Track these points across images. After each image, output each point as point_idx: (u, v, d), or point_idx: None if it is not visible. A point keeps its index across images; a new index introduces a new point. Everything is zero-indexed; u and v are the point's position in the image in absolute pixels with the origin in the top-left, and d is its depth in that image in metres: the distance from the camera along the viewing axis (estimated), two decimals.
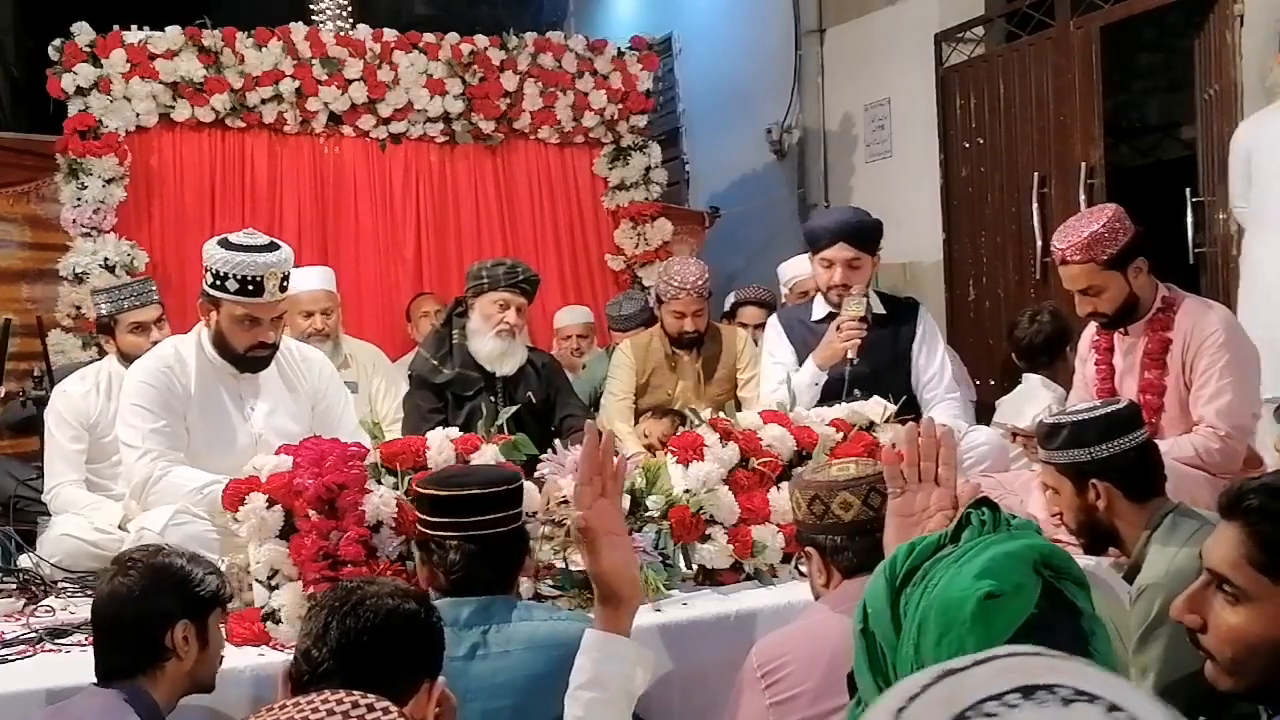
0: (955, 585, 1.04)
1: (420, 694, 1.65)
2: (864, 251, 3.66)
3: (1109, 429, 2.33)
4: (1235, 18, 4.46)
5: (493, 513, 2.12)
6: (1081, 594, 1.08)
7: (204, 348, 3.05)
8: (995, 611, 1.01)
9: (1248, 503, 1.51)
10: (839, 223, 3.72)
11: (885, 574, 1.12)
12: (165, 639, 1.98)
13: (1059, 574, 1.07)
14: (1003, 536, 1.11)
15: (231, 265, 2.90)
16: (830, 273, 3.66)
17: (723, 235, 6.94)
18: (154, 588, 1.99)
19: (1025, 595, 1.04)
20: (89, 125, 5.12)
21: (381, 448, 2.67)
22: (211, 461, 2.92)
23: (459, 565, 2.06)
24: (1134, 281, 3.16)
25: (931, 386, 3.68)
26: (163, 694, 1.99)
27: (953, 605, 1.02)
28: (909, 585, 1.09)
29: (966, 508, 1.17)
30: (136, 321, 3.69)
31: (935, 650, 1.01)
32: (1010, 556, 1.05)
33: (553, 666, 1.94)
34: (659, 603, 2.65)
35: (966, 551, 1.09)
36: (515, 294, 3.79)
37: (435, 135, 5.78)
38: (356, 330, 4.94)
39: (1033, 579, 1.05)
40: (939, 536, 1.14)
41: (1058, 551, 1.09)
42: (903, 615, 1.07)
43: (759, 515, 2.85)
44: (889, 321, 3.73)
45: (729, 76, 7.52)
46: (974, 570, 1.04)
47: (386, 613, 1.65)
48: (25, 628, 2.56)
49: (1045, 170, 5.31)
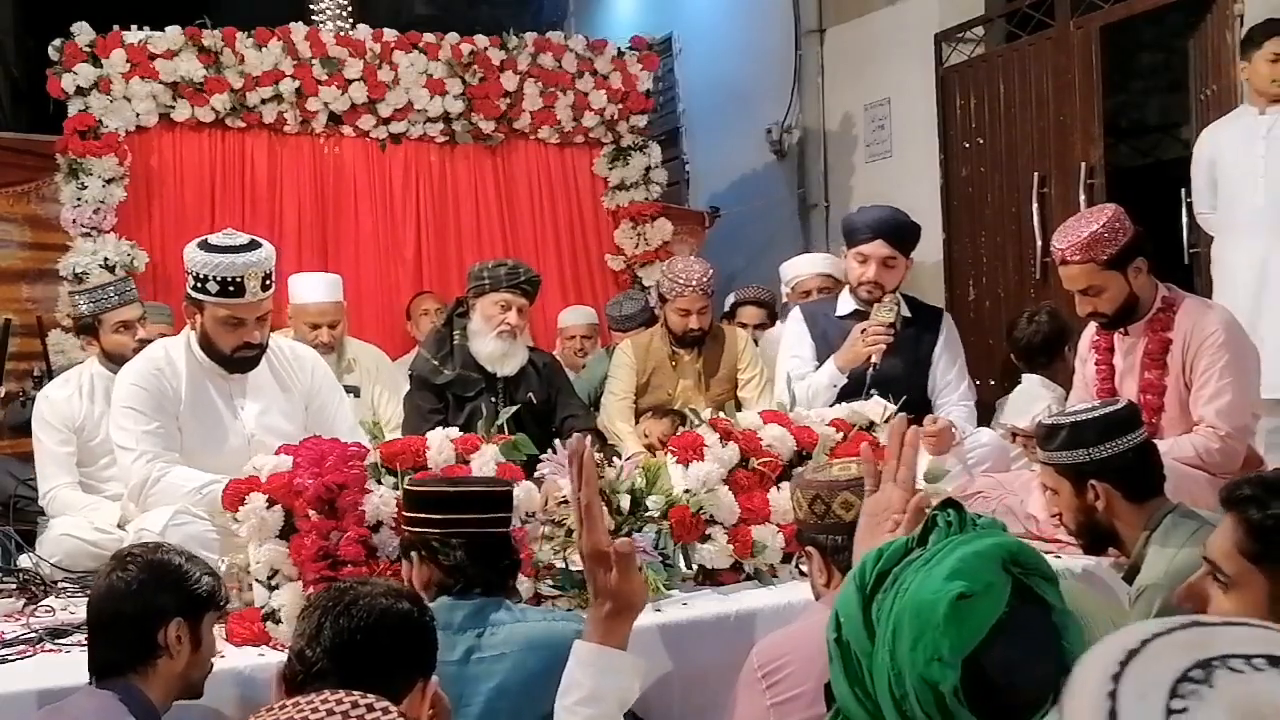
0: (926, 588, 1.05)
1: (414, 693, 1.65)
2: (900, 251, 3.68)
3: (1107, 430, 2.33)
4: (1235, 18, 4.46)
5: (493, 512, 2.14)
6: (1051, 589, 1.10)
7: (193, 349, 3.03)
8: (968, 611, 1.03)
9: (1240, 492, 1.54)
10: (879, 219, 3.72)
11: (855, 581, 1.13)
12: (159, 636, 1.98)
13: (1028, 570, 1.08)
14: (970, 536, 1.12)
15: (211, 267, 2.88)
16: (864, 268, 3.65)
17: (723, 235, 6.94)
18: (151, 583, 1.99)
19: (996, 594, 1.05)
20: (89, 125, 5.12)
21: (381, 448, 2.67)
22: (204, 462, 2.92)
23: (461, 562, 2.06)
24: (1134, 281, 3.16)
25: (946, 393, 3.69)
26: (156, 693, 1.99)
27: (925, 608, 1.03)
28: (880, 591, 1.10)
29: (933, 510, 1.18)
30: (121, 320, 3.68)
31: (911, 655, 1.02)
32: (979, 556, 1.06)
33: (548, 666, 1.93)
34: (659, 603, 2.65)
35: (935, 554, 1.10)
36: (516, 295, 3.79)
37: (435, 135, 5.78)
38: (356, 330, 4.94)
39: (1002, 577, 1.07)
40: (906, 540, 1.15)
41: (1025, 548, 1.11)
42: (875, 622, 1.08)
43: (759, 515, 2.85)
44: (913, 325, 3.74)
45: (729, 76, 7.52)
46: (944, 572, 1.05)
47: (380, 612, 1.65)
48: (25, 628, 2.56)
49: (1045, 170, 5.31)
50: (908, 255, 3.72)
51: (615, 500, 2.74)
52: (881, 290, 3.65)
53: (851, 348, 3.59)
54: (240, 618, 2.49)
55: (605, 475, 2.77)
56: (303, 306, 4.45)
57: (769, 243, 6.76)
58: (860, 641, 1.08)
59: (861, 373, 3.58)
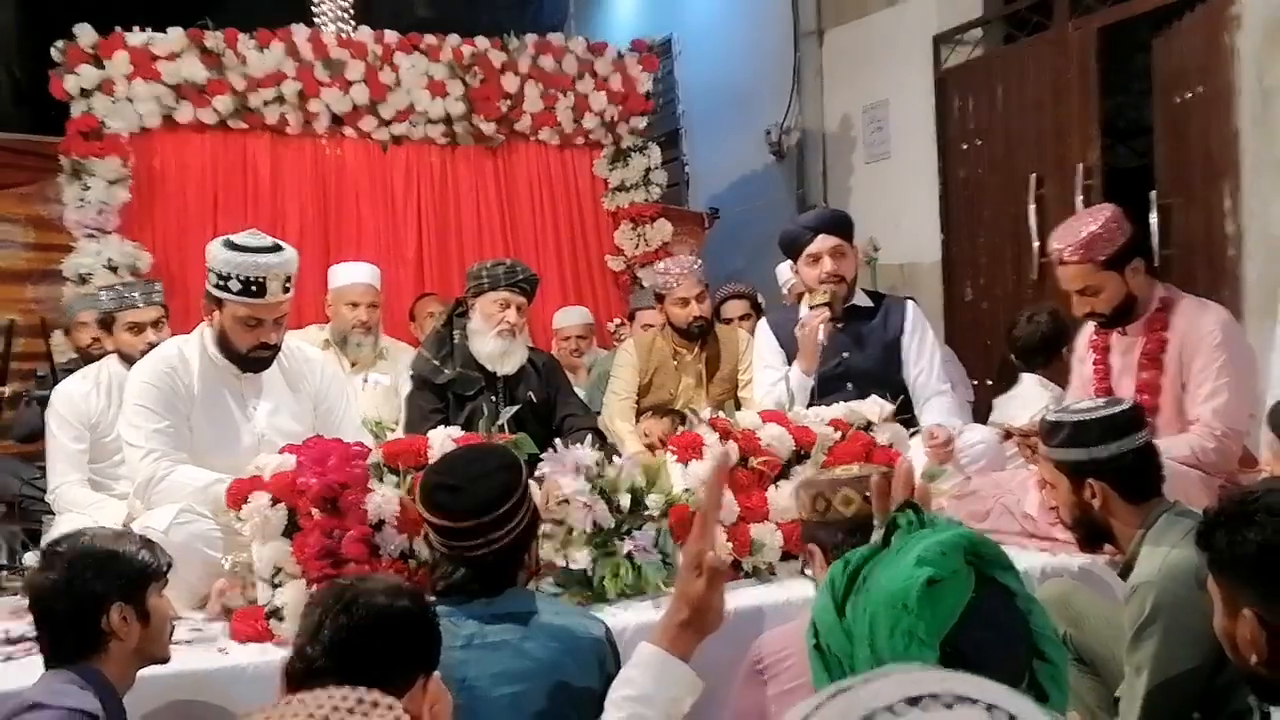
0: (897, 578, 1.08)
1: (415, 689, 1.66)
2: (845, 239, 3.73)
3: (1109, 431, 2.34)
4: (1232, 19, 4.47)
5: (493, 532, 2.03)
6: (1011, 576, 1.13)
7: (207, 348, 3.07)
8: (939, 596, 1.06)
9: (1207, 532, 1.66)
10: (816, 217, 3.87)
11: (829, 590, 1.16)
12: (102, 623, 1.97)
13: (987, 561, 1.12)
14: (930, 531, 1.15)
15: (234, 266, 2.93)
16: (819, 267, 3.69)
17: (722, 236, 6.97)
18: (79, 576, 1.98)
19: (962, 580, 1.08)
20: (92, 127, 5.15)
21: (383, 447, 2.69)
22: (214, 461, 2.94)
23: (461, 578, 2.05)
24: (1131, 282, 3.18)
25: (922, 381, 3.70)
26: (114, 673, 1.99)
27: (898, 596, 1.06)
28: (851, 594, 1.13)
29: (893, 511, 1.21)
30: (133, 322, 3.71)
31: (890, 643, 1.05)
32: (943, 544, 1.10)
33: (561, 659, 1.95)
34: (659, 600, 2.67)
35: (899, 549, 1.13)
36: (515, 293, 3.81)
37: (436, 137, 5.80)
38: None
39: (966, 566, 1.10)
40: (871, 547, 1.18)
41: (983, 540, 1.14)
42: (852, 622, 1.11)
43: (758, 514, 2.87)
44: (876, 314, 3.77)
45: (728, 78, 7.54)
46: (911, 561, 1.08)
47: (379, 609, 1.66)
48: (31, 625, 2.57)
49: (1043, 171, 5.32)
50: (851, 242, 3.79)
51: (615, 499, 2.76)
52: (842, 280, 3.69)
53: (801, 344, 3.64)
54: (244, 616, 2.51)
55: (605, 474, 2.79)
56: (345, 288, 4.61)
57: (768, 243, 6.72)
58: (840, 645, 1.11)
59: (832, 367, 3.63)
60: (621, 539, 2.73)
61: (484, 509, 2.03)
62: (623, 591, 2.68)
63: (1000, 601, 1.10)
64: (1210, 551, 1.66)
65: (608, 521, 2.73)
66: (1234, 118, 4.43)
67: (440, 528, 2.07)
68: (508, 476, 2.09)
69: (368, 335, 4.49)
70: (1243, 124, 4.40)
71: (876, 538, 1.18)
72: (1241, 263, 4.42)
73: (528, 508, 2.11)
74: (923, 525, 1.17)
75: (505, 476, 2.08)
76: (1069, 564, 2.89)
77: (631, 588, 2.69)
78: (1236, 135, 4.40)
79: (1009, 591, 1.11)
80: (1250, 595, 1.58)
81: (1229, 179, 4.45)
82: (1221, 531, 1.63)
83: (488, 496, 2.04)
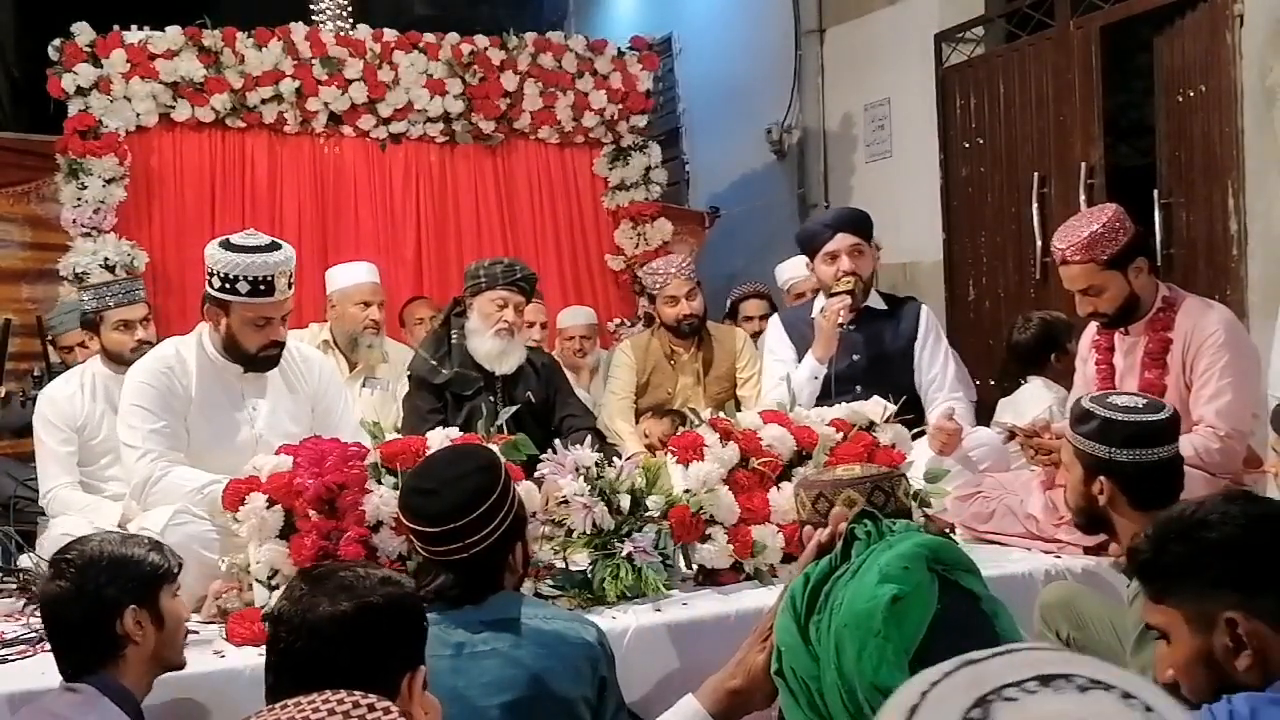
0: (860, 598, 1.06)
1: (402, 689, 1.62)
2: (863, 238, 3.74)
3: (1134, 438, 2.30)
4: (1235, 18, 4.46)
5: (470, 536, 1.98)
6: (974, 580, 1.12)
7: (205, 349, 3.05)
8: (905, 612, 1.04)
9: (1134, 556, 1.60)
10: (835, 216, 3.88)
11: (790, 611, 1.14)
12: (117, 629, 1.96)
13: (949, 566, 1.10)
14: (890, 542, 1.13)
15: (241, 268, 2.90)
16: (836, 265, 3.70)
17: (722, 235, 6.95)
18: (92, 583, 1.96)
19: (926, 592, 1.06)
20: (89, 125, 5.12)
21: (381, 448, 2.67)
22: (212, 461, 2.92)
23: (443, 584, 2.01)
24: (1134, 281, 3.16)
25: (935, 388, 3.70)
26: (131, 680, 1.97)
27: (863, 617, 1.04)
28: (814, 614, 1.10)
29: (849, 523, 1.19)
30: (122, 319, 3.67)
31: (858, 665, 1.03)
32: (903, 557, 1.08)
33: (552, 666, 1.92)
34: (659, 603, 2.65)
35: (859, 566, 1.11)
36: (513, 292, 3.79)
37: (435, 135, 5.78)
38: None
39: (928, 575, 1.08)
40: (829, 560, 1.16)
41: (944, 545, 1.12)
42: (816, 643, 1.09)
43: (759, 515, 2.85)
44: (889, 317, 3.76)
45: (729, 76, 7.52)
46: (874, 579, 1.06)
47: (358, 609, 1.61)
48: (25, 628, 2.56)
49: (1045, 170, 5.30)
50: (870, 242, 3.78)
51: (615, 500, 2.74)
52: (860, 279, 3.69)
53: (821, 331, 3.65)
54: (240, 618, 2.49)
55: (605, 475, 2.77)
56: (353, 288, 4.58)
57: (769, 243, 6.76)
58: (806, 666, 1.09)
59: (842, 366, 3.60)
60: (621, 540, 2.71)
61: (459, 512, 1.98)
62: (623, 593, 2.66)
63: (966, 607, 1.09)
64: (1157, 576, 1.57)
65: (607, 523, 2.71)
66: (1237, 117, 4.43)
67: (417, 532, 2.04)
68: (484, 479, 2.03)
69: (378, 335, 4.48)
70: (1245, 123, 4.39)
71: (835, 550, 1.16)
72: (1244, 262, 4.42)
73: (508, 510, 2.05)
74: (881, 536, 1.15)
75: (481, 479, 2.02)
76: (1072, 566, 2.87)
77: (632, 590, 2.67)
78: (1239, 134, 4.40)
79: (974, 596, 1.10)
80: (1225, 598, 1.50)
81: (1232, 178, 4.45)
82: (1173, 544, 1.55)
83: (463, 500, 1.99)
